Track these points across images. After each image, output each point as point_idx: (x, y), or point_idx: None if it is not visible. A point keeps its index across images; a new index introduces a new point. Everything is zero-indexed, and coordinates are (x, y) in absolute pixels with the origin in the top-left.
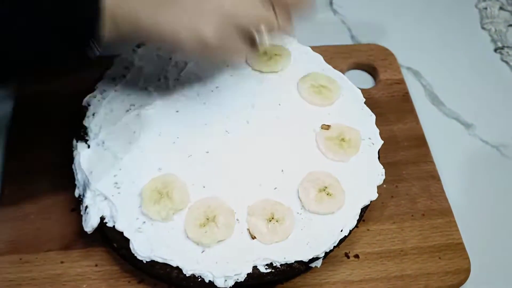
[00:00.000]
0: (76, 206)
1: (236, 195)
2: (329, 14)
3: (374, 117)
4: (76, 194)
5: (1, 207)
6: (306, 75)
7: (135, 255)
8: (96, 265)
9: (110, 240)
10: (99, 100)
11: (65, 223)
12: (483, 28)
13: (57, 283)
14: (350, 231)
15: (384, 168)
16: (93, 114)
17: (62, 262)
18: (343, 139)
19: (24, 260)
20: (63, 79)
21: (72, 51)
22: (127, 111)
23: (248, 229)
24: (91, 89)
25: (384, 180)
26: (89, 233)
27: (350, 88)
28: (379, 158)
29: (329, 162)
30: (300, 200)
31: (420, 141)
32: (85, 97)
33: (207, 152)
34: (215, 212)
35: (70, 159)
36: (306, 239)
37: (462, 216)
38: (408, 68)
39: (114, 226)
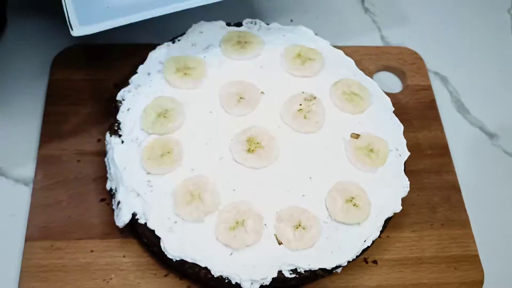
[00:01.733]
0: (105, 196)
1: (265, 200)
2: (360, 12)
3: (402, 127)
4: (108, 187)
5: (34, 193)
6: (338, 81)
7: (166, 253)
8: (124, 256)
9: (140, 235)
10: (134, 95)
11: (95, 213)
12: None
13: (86, 272)
14: (373, 242)
15: (406, 175)
16: (128, 109)
17: (92, 251)
18: (371, 150)
19: (55, 247)
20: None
21: None
22: None
23: (275, 235)
24: (126, 82)
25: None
26: (120, 227)
27: (380, 95)
28: (404, 169)
29: (357, 172)
30: (327, 209)
31: (443, 150)
32: (119, 91)
33: None
34: (245, 216)
35: (102, 150)
36: (331, 247)
37: (478, 228)
38: (436, 73)
39: (145, 223)
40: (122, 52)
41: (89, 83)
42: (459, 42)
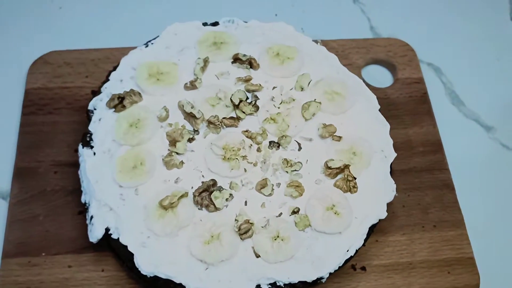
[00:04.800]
0: (83, 208)
1: (241, 210)
2: (349, 2)
3: (388, 126)
4: (83, 200)
5: (10, 207)
6: (319, 80)
7: (139, 269)
8: (102, 270)
9: (115, 250)
10: (106, 104)
11: (72, 226)
12: None
13: (65, 287)
14: (357, 251)
15: (396, 175)
16: (100, 119)
17: (69, 266)
18: (354, 153)
19: (32, 263)
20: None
21: None
22: None
23: (252, 247)
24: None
25: (396, 188)
26: (94, 243)
27: (365, 93)
28: (391, 171)
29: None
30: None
31: (436, 147)
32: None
33: None
34: (220, 229)
35: (78, 162)
36: (311, 258)
37: (474, 228)
38: (429, 64)
39: (118, 238)
40: (100, 57)
41: (67, 90)
42: (453, 30)
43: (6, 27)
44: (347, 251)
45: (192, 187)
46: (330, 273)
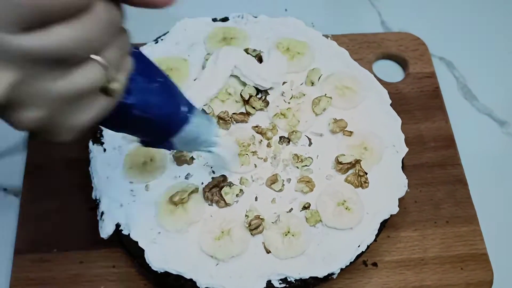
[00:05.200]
0: (94, 205)
1: (252, 206)
2: None
3: (400, 121)
4: (93, 196)
5: (22, 204)
6: (330, 75)
7: (150, 265)
8: (113, 266)
9: (126, 246)
10: None
11: (84, 222)
12: None
13: (76, 283)
14: (368, 247)
15: (408, 170)
16: None
17: (81, 262)
18: (365, 148)
19: (44, 259)
20: None
21: None
22: None
23: (263, 243)
24: None
25: (408, 183)
26: (105, 239)
27: (376, 88)
28: (403, 167)
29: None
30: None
31: (448, 142)
32: None
33: None
34: (230, 225)
35: (89, 159)
36: (322, 254)
37: (487, 224)
38: (441, 58)
39: (129, 234)
40: None
41: None
42: (465, 24)
43: None
44: (358, 246)
45: (202, 183)
46: (341, 269)
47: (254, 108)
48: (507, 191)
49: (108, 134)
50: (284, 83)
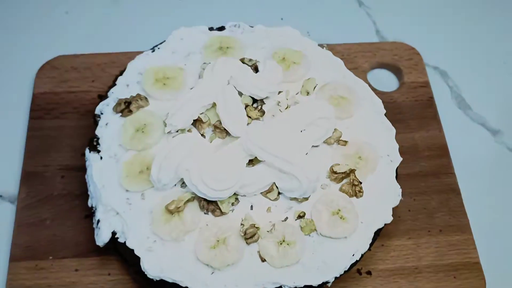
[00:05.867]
0: (90, 212)
1: (247, 215)
2: (354, 6)
3: (394, 131)
4: (89, 204)
5: (18, 211)
6: (325, 85)
7: (145, 273)
8: (109, 274)
9: (121, 254)
10: (112, 109)
11: (79, 230)
12: None
13: None
14: (362, 255)
15: (402, 179)
16: (106, 124)
17: (76, 270)
18: (360, 157)
19: (40, 266)
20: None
21: None
22: None
23: (258, 252)
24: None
25: (402, 192)
26: (101, 247)
27: (371, 98)
28: (397, 176)
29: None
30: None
31: (442, 151)
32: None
33: None
34: (226, 234)
35: (84, 167)
36: (317, 263)
37: (480, 233)
38: (435, 68)
39: (125, 242)
40: (106, 61)
41: (73, 95)
42: (459, 34)
43: (13, 32)
44: (353, 255)
45: None
46: (336, 278)
47: (250, 117)
48: (499, 200)
49: (104, 142)
50: (279, 92)
